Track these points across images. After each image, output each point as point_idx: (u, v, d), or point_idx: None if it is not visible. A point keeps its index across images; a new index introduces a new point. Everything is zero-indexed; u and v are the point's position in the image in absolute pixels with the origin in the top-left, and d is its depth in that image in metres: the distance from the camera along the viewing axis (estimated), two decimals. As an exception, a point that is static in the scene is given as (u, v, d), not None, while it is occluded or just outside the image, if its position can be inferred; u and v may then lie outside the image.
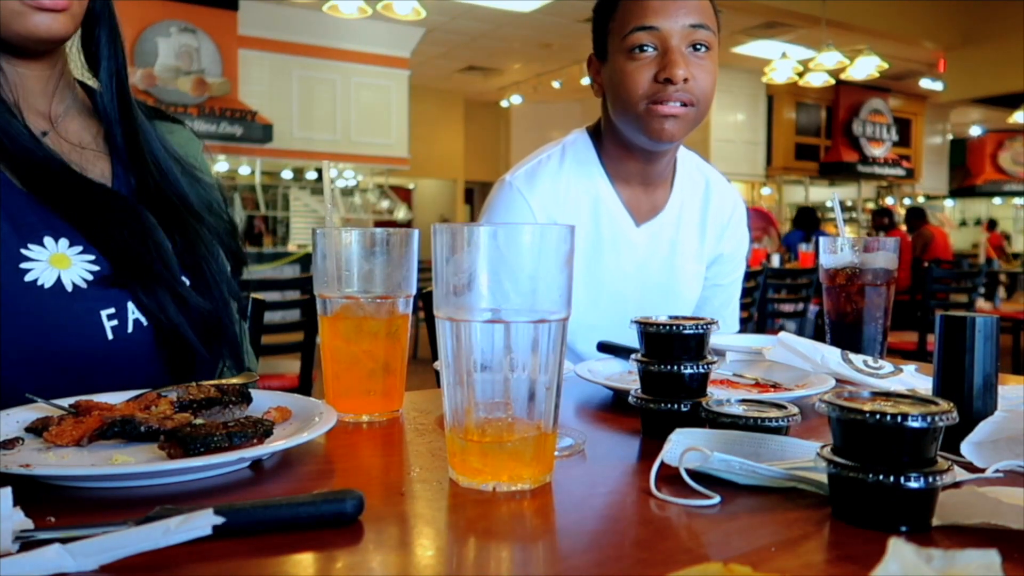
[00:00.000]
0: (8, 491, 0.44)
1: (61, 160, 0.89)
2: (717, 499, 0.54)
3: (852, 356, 0.89)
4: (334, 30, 8.15)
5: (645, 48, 1.18)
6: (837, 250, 1.08)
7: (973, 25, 8.82)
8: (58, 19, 0.85)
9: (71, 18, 0.87)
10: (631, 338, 1.39)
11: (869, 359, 0.91)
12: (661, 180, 1.36)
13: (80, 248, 0.86)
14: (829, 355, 0.88)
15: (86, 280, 0.85)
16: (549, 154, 1.35)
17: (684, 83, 1.17)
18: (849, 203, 13.83)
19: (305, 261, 7.18)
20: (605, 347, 1.09)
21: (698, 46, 1.19)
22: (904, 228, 8.04)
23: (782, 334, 0.91)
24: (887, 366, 0.89)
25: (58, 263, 0.84)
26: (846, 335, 1.06)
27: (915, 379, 0.88)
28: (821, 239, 1.11)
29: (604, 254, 1.33)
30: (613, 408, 0.87)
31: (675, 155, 1.36)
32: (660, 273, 1.37)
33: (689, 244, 1.40)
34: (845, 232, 1.13)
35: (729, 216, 1.46)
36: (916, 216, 7.89)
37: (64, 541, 0.42)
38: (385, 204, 10.03)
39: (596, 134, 1.37)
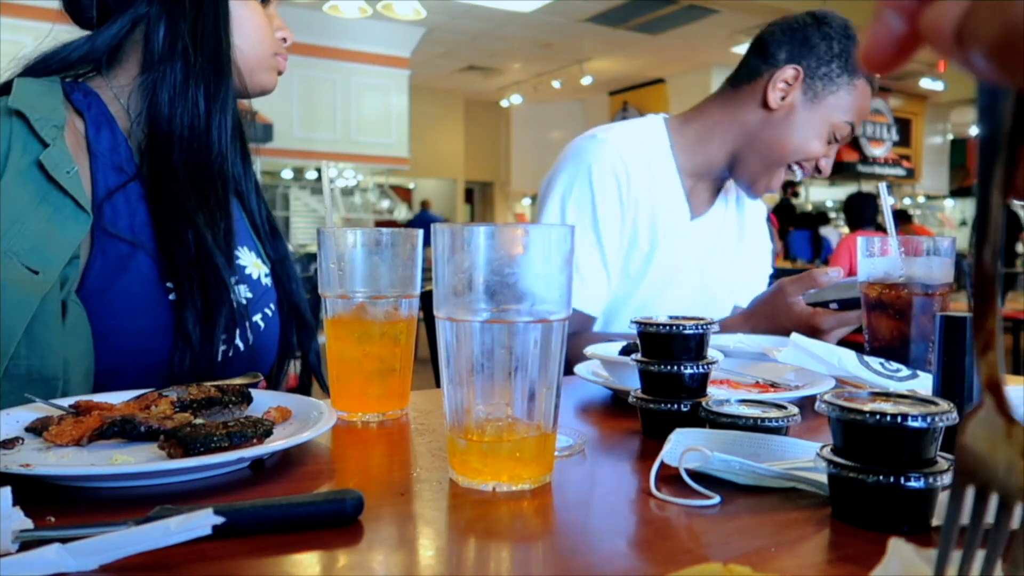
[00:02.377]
0: (8, 491, 0.44)
1: None
2: (717, 499, 0.54)
3: (869, 359, 0.87)
4: (334, 30, 8.14)
5: (834, 133, 1.32)
6: (877, 253, 0.92)
7: (973, 25, 8.81)
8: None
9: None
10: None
11: (886, 362, 0.86)
12: (721, 181, 1.44)
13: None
14: (846, 358, 0.85)
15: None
16: (631, 125, 1.40)
17: None
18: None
19: (305, 261, 7.18)
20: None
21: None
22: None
23: (794, 335, 0.89)
24: (904, 369, 0.86)
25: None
26: (886, 348, 0.92)
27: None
28: (860, 239, 0.96)
29: (659, 240, 1.37)
30: (613, 408, 0.87)
31: None
32: (702, 270, 1.42)
33: (727, 244, 1.46)
34: (895, 232, 0.96)
35: (762, 219, 1.55)
36: (900, 218, 8.05)
37: (64, 541, 0.42)
38: (385, 204, 10.03)
39: (670, 123, 1.41)
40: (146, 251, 0.87)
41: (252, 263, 1.03)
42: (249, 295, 0.99)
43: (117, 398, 0.71)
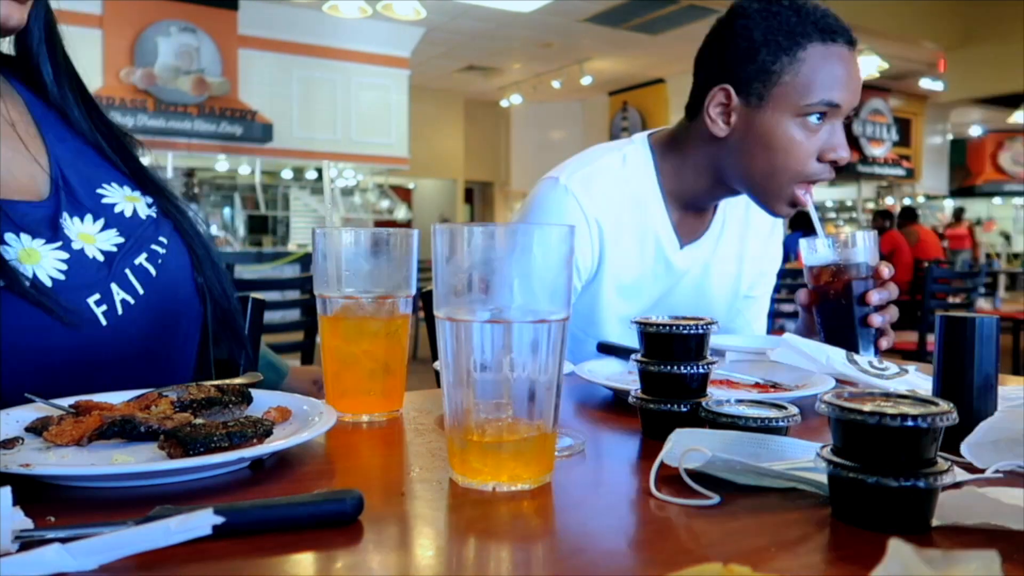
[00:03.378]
0: (8, 490, 0.44)
1: None
2: (717, 499, 0.54)
3: (857, 357, 0.88)
4: (334, 30, 8.15)
5: (820, 119, 1.09)
6: (816, 249, 1.08)
7: (973, 25, 8.83)
8: (23, 10, 0.83)
9: (27, 9, 0.84)
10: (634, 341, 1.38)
11: (874, 360, 0.90)
12: (716, 202, 1.30)
13: (43, 240, 0.82)
14: (834, 356, 0.87)
15: (61, 271, 0.81)
16: (609, 161, 1.25)
17: None
18: (849, 203, 13.81)
19: (305, 261, 7.18)
20: (604, 348, 1.09)
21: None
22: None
23: (786, 335, 0.91)
24: (892, 367, 0.88)
25: (27, 259, 0.80)
26: (838, 335, 1.05)
27: (920, 380, 0.87)
28: (801, 240, 1.09)
29: (646, 276, 1.28)
30: (613, 408, 0.87)
31: None
32: (690, 298, 1.33)
33: (724, 268, 1.34)
34: (822, 231, 1.11)
35: (768, 233, 1.40)
36: (906, 216, 8.10)
37: (64, 541, 0.42)
38: (385, 204, 10.03)
39: (656, 145, 1.28)
40: None
41: (122, 197, 0.90)
42: (120, 239, 0.86)
43: (117, 398, 0.71)
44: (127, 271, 0.85)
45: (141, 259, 0.87)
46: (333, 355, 0.80)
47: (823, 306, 1.08)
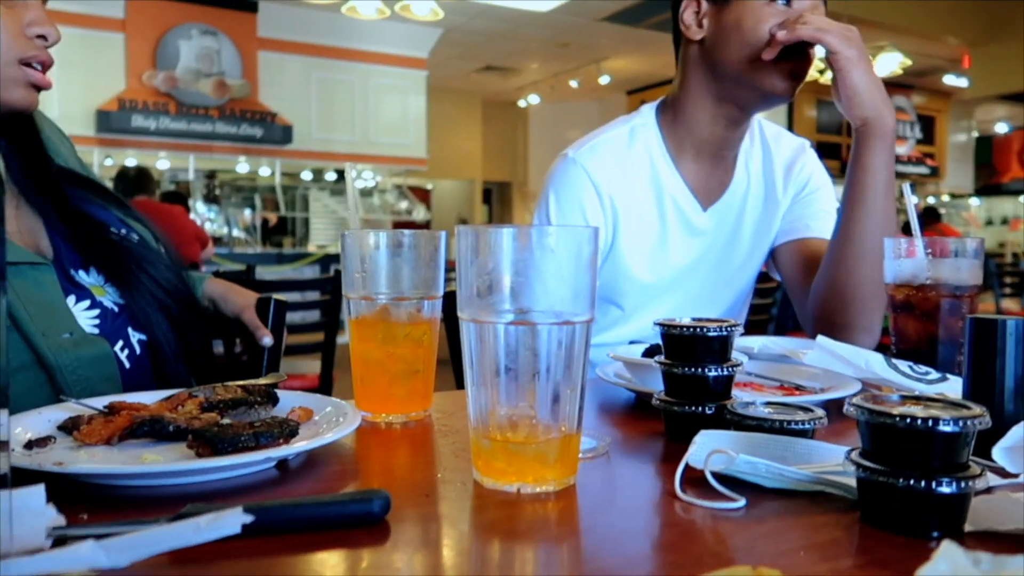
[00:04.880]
0: (42, 488, 0.45)
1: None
2: (743, 502, 0.53)
3: (897, 361, 0.84)
4: (352, 31, 8.19)
5: (784, 1, 1.14)
6: (903, 254, 0.90)
7: (998, 20, 8.67)
8: (37, 96, 0.88)
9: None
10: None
11: (914, 364, 0.84)
12: (733, 149, 1.29)
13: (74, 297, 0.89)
14: (873, 360, 0.83)
15: (95, 327, 0.89)
16: (617, 131, 1.29)
17: None
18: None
19: (325, 262, 7.23)
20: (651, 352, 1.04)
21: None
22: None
23: (820, 337, 0.87)
24: (933, 372, 0.83)
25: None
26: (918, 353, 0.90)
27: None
28: (886, 240, 0.92)
29: (669, 242, 1.28)
30: (636, 410, 0.87)
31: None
32: (721, 258, 1.31)
33: (756, 218, 1.32)
34: (920, 232, 0.93)
35: (798, 155, 1.35)
36: (929, 216, 8.02)
37: (97, 538, 0.42)
38: (404, 205, 10.06)
39: (661, 110, 1.30)
40: None
41: (92, 284, 0.93)
42: (96, 325, 0.89)
43: (149, 398, 0.72)
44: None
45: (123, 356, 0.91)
46: (361, 357, 0.80)
47: (902, 319, 0.92)
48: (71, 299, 0.88)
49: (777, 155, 1.34)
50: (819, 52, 1.15)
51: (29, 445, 0.61)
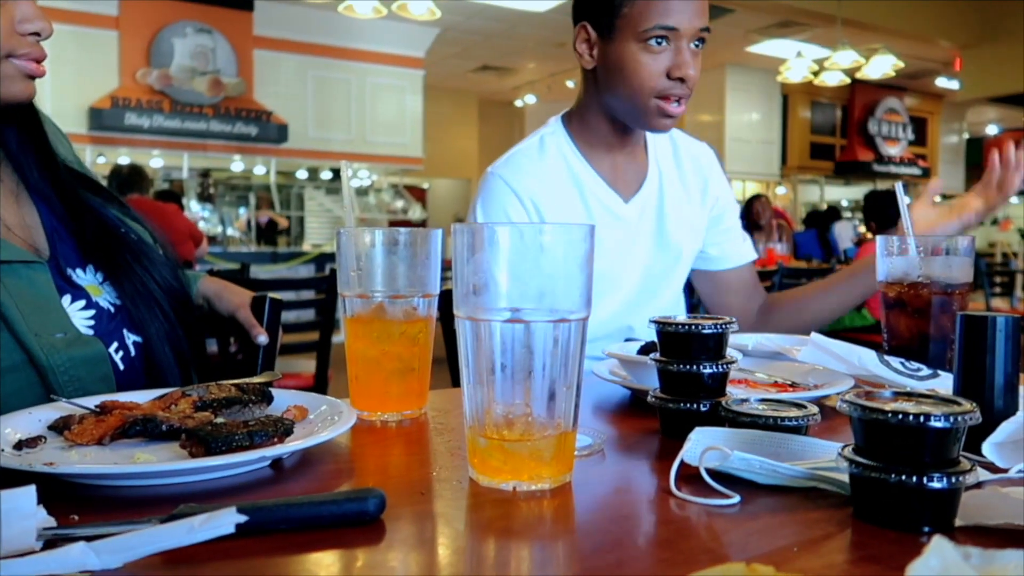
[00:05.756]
0: (32, 489, 0.45)
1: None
2: (737, 499, 0.53)
3: (889, 358, 0.85)
4: (349, 30, 8.18)
5: (660, 42, 1.22)
6: (896, 252, 0.91)
7: (989, 23, 8.71)
8: (34, 86, 0.88)
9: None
10: (632, 321, 1.36)
11: (906, 361, 0.85)
12: (638, 144, 1.40)
13: (83, 302, 0.89)
14: (866, 357, 0.84)
15: (91, 327, 0.88)
16: (528, 143, 1.38)
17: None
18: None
19: (320, 261, 7.22)
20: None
21: (698, 43, 1.25)
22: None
23: (813, 334, 0.87)
24: (925, 369, 0.84)
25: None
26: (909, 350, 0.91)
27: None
28: (879, 238, 0.94)
29: (599, 234, 1.31)
30: (631, 408, 0.87)
31: None
32: (652, 244, 1.39)
33: (678, 215, 1.40)
34: (912, 231, 0.94)
35: (707, 162, 1.47)
36: None
37: (88, 539, 0.42)
38: (399, 204, 10.05)
39: (567, 118, 1.39)
40: None
41: (88, 284, 0.92)
42: (91, 325, 0.88)
43: (141, 397, 0.72)
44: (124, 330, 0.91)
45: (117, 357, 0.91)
46: (356, 355, 0.80)
47: (893, 316, 0.93)
48: (66, 299, 0.87)
49: (682, 146, 1.45)
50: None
51: (19, 445, 0.61)
